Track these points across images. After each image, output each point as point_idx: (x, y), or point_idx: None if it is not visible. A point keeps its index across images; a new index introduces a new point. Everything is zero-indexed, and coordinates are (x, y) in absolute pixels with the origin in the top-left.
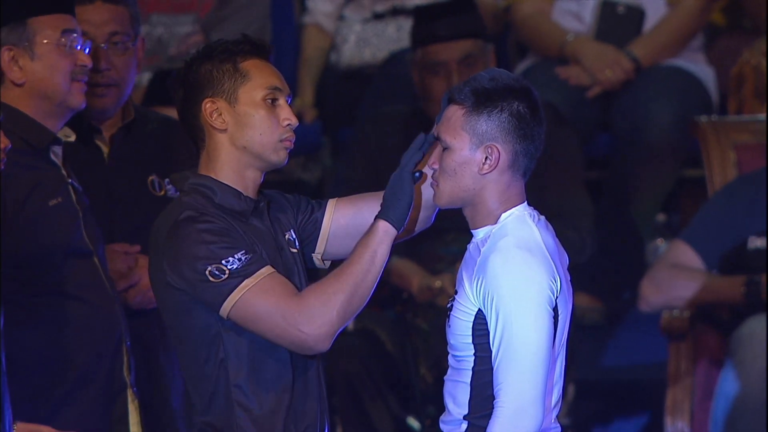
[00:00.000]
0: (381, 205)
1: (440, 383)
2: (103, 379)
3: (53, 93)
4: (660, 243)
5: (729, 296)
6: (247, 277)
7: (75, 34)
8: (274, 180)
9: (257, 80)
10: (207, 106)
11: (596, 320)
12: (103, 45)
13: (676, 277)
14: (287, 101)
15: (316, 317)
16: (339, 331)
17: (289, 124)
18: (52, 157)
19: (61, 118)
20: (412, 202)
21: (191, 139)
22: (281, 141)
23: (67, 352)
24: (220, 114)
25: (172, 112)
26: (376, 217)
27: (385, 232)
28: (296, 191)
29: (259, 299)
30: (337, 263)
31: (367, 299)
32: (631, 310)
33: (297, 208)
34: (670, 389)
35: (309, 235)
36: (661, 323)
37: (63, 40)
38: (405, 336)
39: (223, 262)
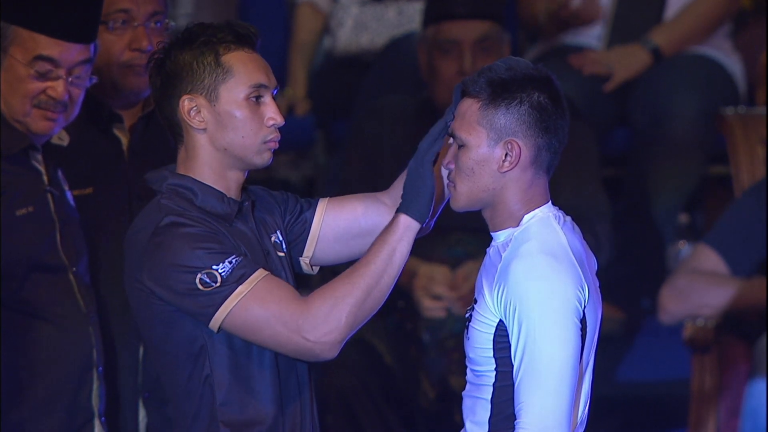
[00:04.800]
0: (401, 198)
1: (443, 399)
2: (66, 407)
3: (10, 110)
4: (682, 246)
5: (758, 300)
6: (240, 283)
7: (51, 64)
8: (261, 179)
9: (240, 77)
10: (185, 103)
11: (613, 331)
12: (142, 24)
13: (699, 282)
14: (273, 96)
15: (323, 323)
16: (348, 338)
17: (273, 124)
18: (34, 162)
19: (30, 133)
20: (434, 195)
21: (169, 132)
22: (265, 143)
23: (26, 373)
24: (199, 112)
25: None
26: (397, 211)
27: (406, 227)
28: (285, 191)
29: (256, 306)
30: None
31: (383, 302)
32: (651, 320)
33: (284, 207)
34: (693, 406)
35: (297, 237)
36: (684, 334)
37: (34, 64)
38: (405, 348)
39: (214, 267)
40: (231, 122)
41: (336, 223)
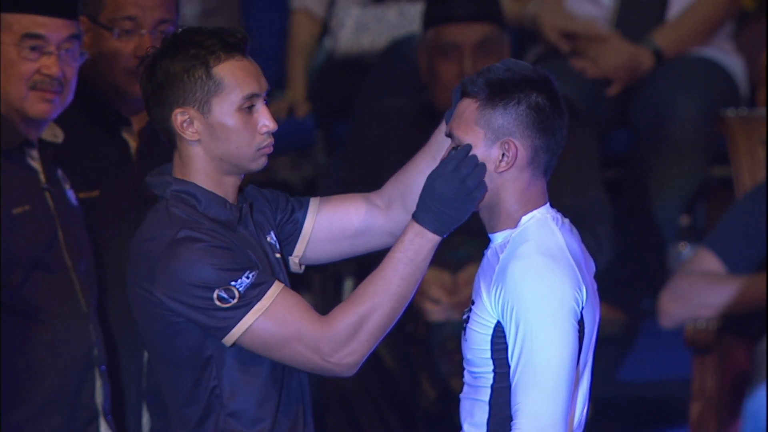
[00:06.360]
0: (422, 209)
1: (443, 401)
2: (68, 406)
3: (7, 97)
4: (683, 247)
5: (759, 297)
6: (258, 299)
7: (41, 40)
8: (261, 180)
9: (232, 88)
10: (177, 117)
11: (614, 332)
12: (148, 32)
13: (698, 283)
14: (264, 101)
15: (345, 345)
16: (368, 355)
17: (267, 131)
18: (29, 160)
19: (27, 122)
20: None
21: (162, 136)
22: (259, 149)
23: (26, 373)
24: (192, 124)
25: None
26: (425, 227)
27: (433, 248)
28: (286, 192)
29: (275, 324)
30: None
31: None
32: (652, 321)
33: (275, 206)
34: (694, 407)
35: (288, 237)
36: (685, 335)
37: (23, 43)
38: (405, 349)
39: (232, 283)
40: (224, 134)
41: (328, 223)
